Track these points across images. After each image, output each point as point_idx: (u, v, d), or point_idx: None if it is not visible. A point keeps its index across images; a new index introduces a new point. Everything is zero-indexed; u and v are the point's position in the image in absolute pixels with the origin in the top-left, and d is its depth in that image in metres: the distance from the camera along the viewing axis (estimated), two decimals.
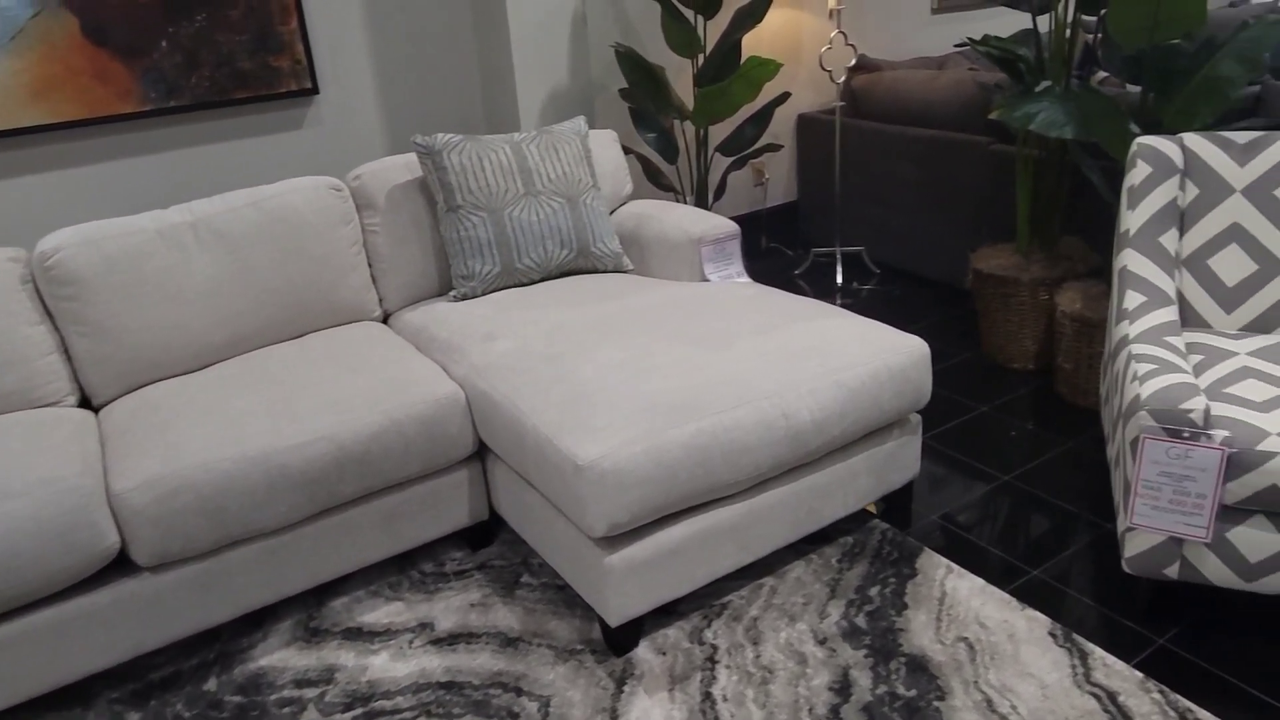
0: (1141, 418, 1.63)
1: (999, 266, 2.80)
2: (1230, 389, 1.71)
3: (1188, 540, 1.67)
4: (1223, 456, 1.57)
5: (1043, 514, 2.16)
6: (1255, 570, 1.64)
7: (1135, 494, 1.67)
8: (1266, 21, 2.24)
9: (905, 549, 2.06)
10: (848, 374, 1.89)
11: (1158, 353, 1.78)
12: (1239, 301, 1.97)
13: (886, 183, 3.58)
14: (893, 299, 3.49)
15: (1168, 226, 2.03)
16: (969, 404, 2.69)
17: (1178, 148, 2.08)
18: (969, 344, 3.07)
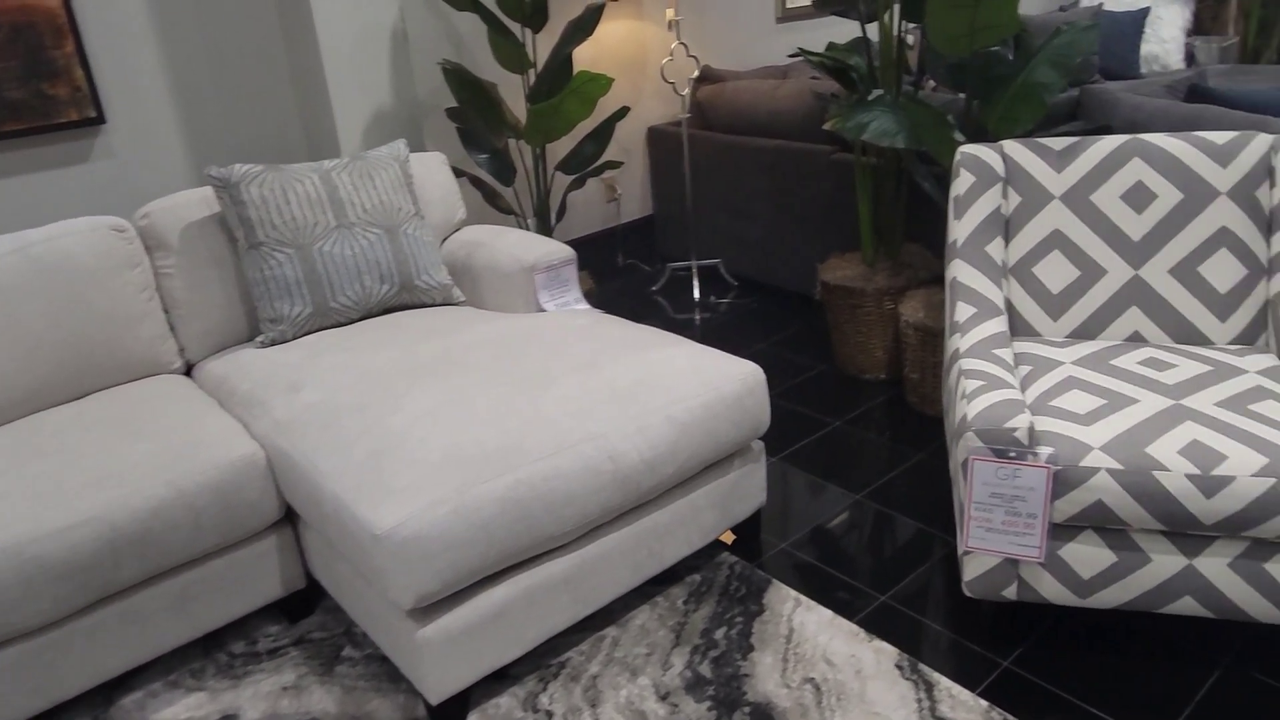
0: (969, 439, 1.58)
1: (845, 277, 2.77)
2: (1056, 401, 1.69)
3: (1023, 561, 1.63)
4: (1049, 475, 1.54)
5: (893, 533, 2.12)
6: (1088, 586, 1.61)
7: (968, 517, 1.62)
8: (1077, 28, 2.26)
9: (753, 583, 1.97)
10: (679, 408, 1.78)
11: (986, 368, 1.74)
12: (1064, 308, 1.97)
13: (739, 194, 3.53)
14: (750, 312, 3.44)
15: (993, 235, 2.02)
16: (822, 419, 2.64)
17: (999, 156, 2.07)
18: (824, 355, 3.04)
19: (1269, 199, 1.91)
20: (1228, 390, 1.66)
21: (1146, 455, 1.52)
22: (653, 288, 3.75)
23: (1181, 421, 1.57)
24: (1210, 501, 1.48)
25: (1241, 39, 5.48)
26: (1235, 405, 1.61)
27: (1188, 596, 1.57)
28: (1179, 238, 1.91)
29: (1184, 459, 1.50)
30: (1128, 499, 1.52)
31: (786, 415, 2.68)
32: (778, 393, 2.82)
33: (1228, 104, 2.40)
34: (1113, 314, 1.94)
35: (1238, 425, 1.55)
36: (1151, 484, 1.50)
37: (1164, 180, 1.94)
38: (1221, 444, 1.51)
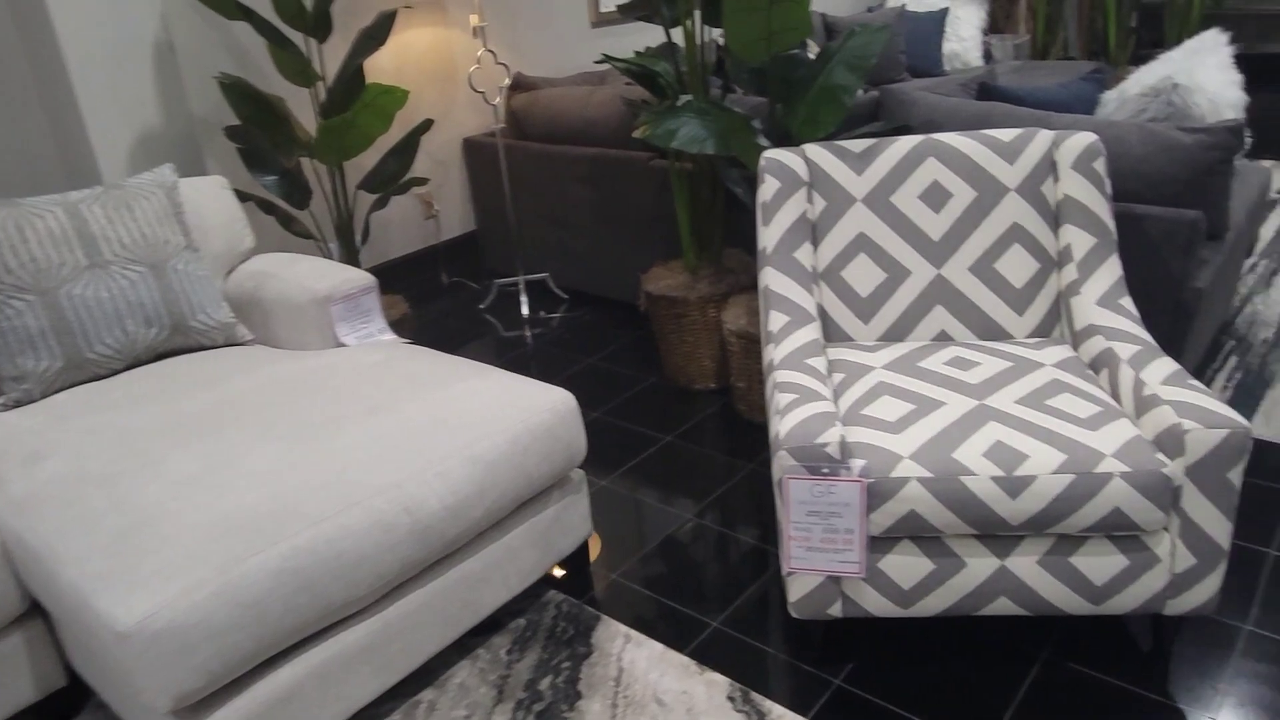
0: (782, 458, 1.53)
1: (668, 287, 2.70)
2: (867, 409, 1.66)
3: (845, 577, 1.59)
4: (862, 489, 1.50)
5: (727, 551, 2.06)
6: (910, 596, 1.59)
7: (788, 537, 1.57)
8: (870, 30, 2.27)
9: (582, 622, 1.86)
10: (483, 446, 1.65)
11: (799, 379, 1.70)
12: (873, 311, 1.96)
13: (561, 205, 3.42)
14: (581, 325, 3.34)
15: (801, 241, 1.98)
16: (653, 435, 2.56)
17: (801, 160, 2.04)
18: (654, 367, 2.97)
19: (1053, 194, 1.96)
20: (1027, 386, 1.67)
21: (954, 461, 1.50)
22: (481, 306, 3.59)
23: (986, 422, 1.57)
24: (1015, 502, 1.48)
25: (1032, 36, 5.84)
26: (1034, 401, 1.62)
27: (1003, 597, 1.57)
28: (975, 235, 1.94)
29: (989, 461, 1.49)
30: (939, 506, 1.50)
31: (617, 433, 2.59)
32: (608, 409, 2.72)
33: (1015, 101, 2.48)
34: (920, 314, 1.94)
35: (1037, 422, 1.56)
36: (960, 489, 1.49)
37: (958, 179, 1.96)
38: (1023, 443, 1.51)
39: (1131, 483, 1.45)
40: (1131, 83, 2.41)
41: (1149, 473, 1.45)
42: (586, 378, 2.94)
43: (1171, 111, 2.29)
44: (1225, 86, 2.35)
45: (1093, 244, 1.90)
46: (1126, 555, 1.52)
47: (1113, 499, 1.46)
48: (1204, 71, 2.29)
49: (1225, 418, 1.45)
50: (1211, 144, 2.03)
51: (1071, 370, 1.74)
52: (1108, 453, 1.48)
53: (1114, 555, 1.52)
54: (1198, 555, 1.51)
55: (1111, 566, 1.53)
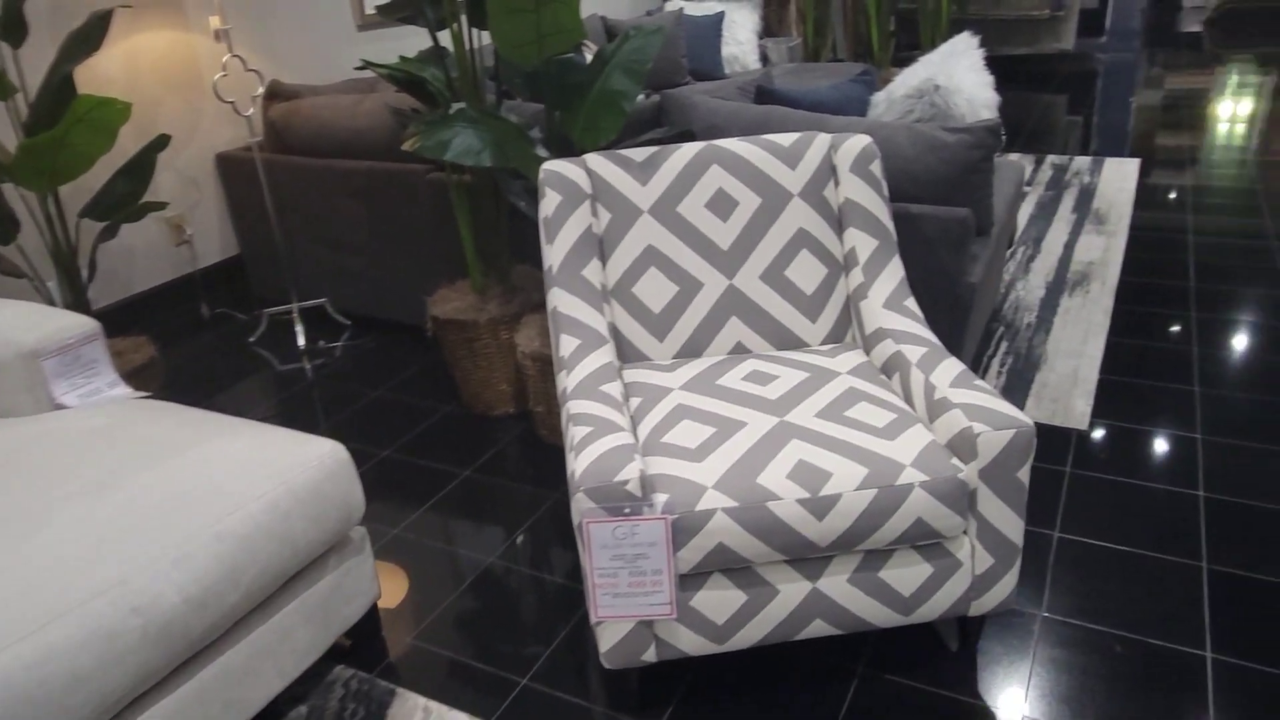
0: (580, 500, 1.40)
1: (456, 310, 2.52)
2: (668, 437, 1.56)
3: (657, 619, 1.48)
4: (667, 526, 1.40)
5: (533, 597, 1.91)
6: (725, 631, 1.50)
7: (593, 585, 1.44)
8: (644, 33, 2.19)
9: (374, 700, 1.65)
10: (234, 520, 1.41)
11: (593, 409, 1.57)
12: (668, 327, 1.87)
13: (334, 223, 3.13)
14: (367, 353, 3.08)
15: (588, 258, 1.86)
16: (450, 470, 2.37)
17: (583, 171, 1.92)
18: (449, 394, 2.77)
19: (835, 197, 1.95)
20: (825, 397, 1.63)
21: (759, 486, 1.43)
22: (251, 339, 3.23)
23: (788, 441, 1.51)
24: (823, 524, 1.42)
25: (803, 39, 6.06)
26: (833, 413, 1.58)
27: (818, 619, 1.52)
28: (764, 243, 1.89)
29: (793, 483, 1.43)
30: (747, 536, 1.42)
31: (410, 472, 2.37)
32: (400, 446, 2.50)
33: (790, 104, 2.49)
34: (715, 327, 1.87)
35: (837, 436, 1.51)
36: (767, 516, 1.41)
37: (742, 186, 1.90)
38: (825, 460, 1.46)
39: (931, 491, 1.43)
40: (897, 84, 2.47)
41: (946, 479, 1.44)
42: (375, 411, 2.70)
43: (935, 112, 2.36)
44: (979, 87, 2.46)
45: (875, 246, 1.90)
46: (931, 563, 1.51)
47: (915, 510, 1.44)
48: (961, 73, 2.38)
49: (1011, 418, 1.46)
50: (974, 143, 2.10)
51: (866, 377, 1.72)
52: (906, 463, 1.45)
53: (919, 565, 1.51)
54: (995, 555, 1.52)
55: (918, 576, 1.51)
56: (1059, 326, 2.91)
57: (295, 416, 2.70)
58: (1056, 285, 3.21)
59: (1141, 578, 1.82)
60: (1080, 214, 3.92)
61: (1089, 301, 3.07)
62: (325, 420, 2.67)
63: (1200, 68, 6.87)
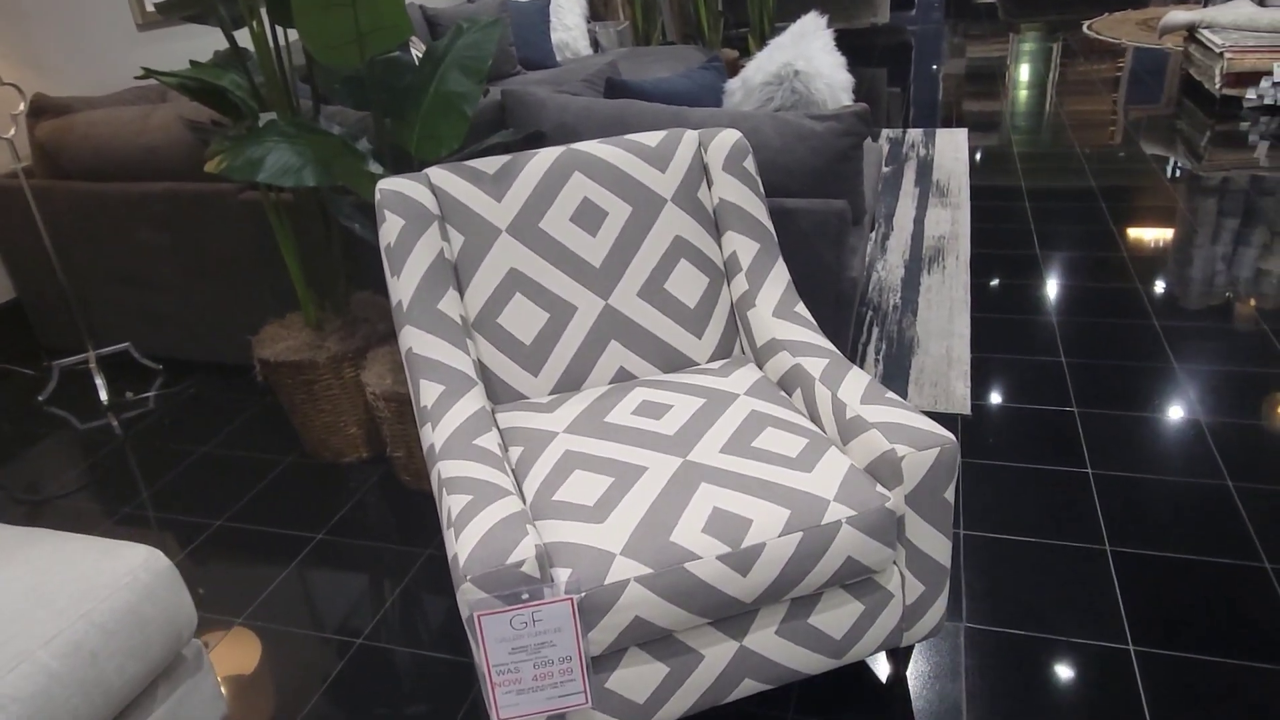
0: (467, 590, 1.17)
1: (288, 350, 2.20)
2: (560, 493, 1.36)
3: (571, 711, 1.29)
4: (573, 607, 1.20)
5: (415, 681, 1.66)
6: (647, 709, 1.32)
7: (491, 684, 1.22)
8: (479, 25, 1.95)
9: None
10: (12, 680, 1.10)
11: (470, 472, 1.35)
12: (542, 359, 1.66)
13: (132, 257, 2.71)
14: (188, 402, 2.69)
15: (444, 289, 1.62)
16: (300, 535, 2.07)
17: (426, 188, 1.67)
18: (292, 441, 2.45)
19: (709, 199, 1.79)
20: (728, 427, 1.47)
21: (674, 546, 1.25)
22: (40, 397, 2.77)
23: (696, 485, 1.33)
24: (747, 579, 1.26)
25: (632, 22, 5.91)
26: (740, 446, 1.42)
27: (747, 679, 1.36)
28: (639, 256, 1.71)
29: (711, 538, 1.26)
30: (665, 605, 1.24)
31: (251, 545, 2.05)
32: (235, 512, 2.17)
33: (643, 96, 2.31)
34: (594, 354, 1.68)
35: (749, 474, 1.35)
36: (686, 580, 1.24)
37: (610, 194, 1.71)
38: (742, 505, 1.30)
39: (859, 526, 1.30)
40: (753, 71, 2.34)
41: (874, 511, 1.31)
42: (204, 471, 2.34)
43: (796, 99, 2.25)
44: (835, 69, 2.36)
45: (757, 250, 1.76)
46: (861, 600, 1.38)
47: (844, 548, 1.30)
48: (817, 56, 2.27)
49: (932, 434, 1.34)
50: (843, 130, 1.99)
51: (765, 396, 1.57)
52: (830, 497, 1.31)
53: (850, 604, 1.37)
54: (925, 582, 1.41)
55: (849, 616, 1.38)
56: (924, 306, 2.89)
57: (106, 487, 2.31)
58: (914, 263, 3.20)
59: (1051, 571, 1.78)
60: (923, 187, 3.96)
61: (948, 278, 3.07)
62: (145, 487, 2.30)
63: (998, 36, 7.23)
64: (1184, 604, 1.67)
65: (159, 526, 2.15)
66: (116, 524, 2.17)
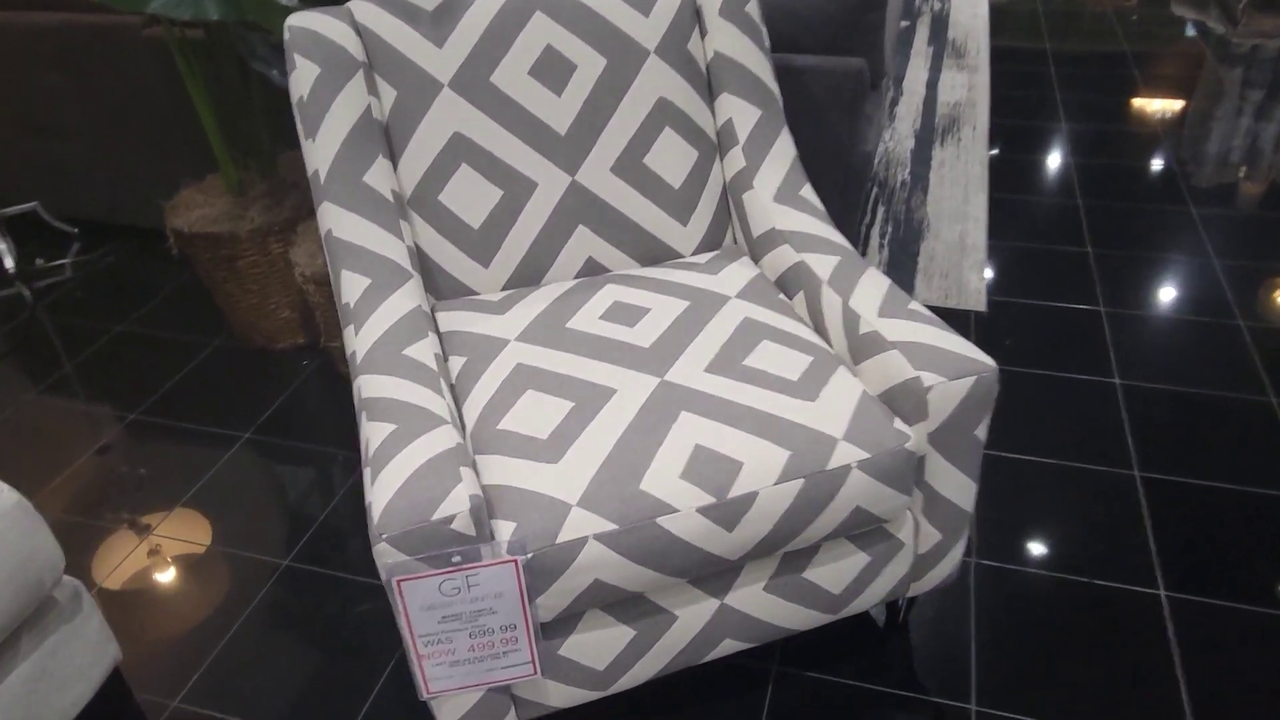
0: (384, 552, 0.93)
1: (205, 219, 1.89)
2: (507, 420, 1.10)
3: (516, 682, 1.08)
4: (517, 571, 0.96)
5: (349, 613, 1.45)
6: (609, 675, 1.12)
7: (417, 654, 1.00)
8: None
9: None
10: None
11: (397, 393, 1.08)
12: (494, 247, 1.37)
13: (32, 101, 2.34)
14: (105, 273, 2.39)
15: (371, 156, 1.31)
16: (222, 434, 1.82)
17: (348, 26, 1.33)
18: (218, 322, 2.17)
19: (702, 53, 1.46)
20: (716, 339, 1.21)
21: (643, 496, 1.01)
22: None
23: (675, 415, 1.08)
24: (734, 534, 1.03)
25: None
26: (729, 364, 1.16)
27: (728, 639, 1.16)
28: (614, 121, 1.39)
29: (691, 486, 1.02)
30: (633, 568, 1.01)
31: (168, 442, 1.81)
32: (152, 405, 1.91)
33: None
34: (557, 242, 1.39)
35: (741, 401, 1.10)
36: (660, 537, 1.00)
37: (579, 42, 1.38)
38: (730, 442, 1.05)
39: (872, 472, 1.06)
40: None
41: (891, 453, 1.07)
42: (120, 352, 2.07)
43: None
44: None
45: (758, 117, 1.44)
46: (867, 551, 1.16)
47: (853, 498, 1.07)
48: None
49: (968, 360, 1.09)
50: None
51: (761, 299, 1.30)
52: (838, 435, 1.07)
53: (853, 555, 1.16)
54: (943, 529, 1.19)
55: (851, 569, 1.16)
56: (936, 184, 2.59)
57: (12, 366, 2.04)
58: (926, 134, 2.87)
59: (1075, 498, 1.57)
60: (937, 45, 3.57)
61: (963, 151, 2.75)
62: (54, 370, 2.03)
63: None
64: (1223, 544, 1.48)
65: (61, 419, 1.89)
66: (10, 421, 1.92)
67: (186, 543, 1.58)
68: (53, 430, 1.86)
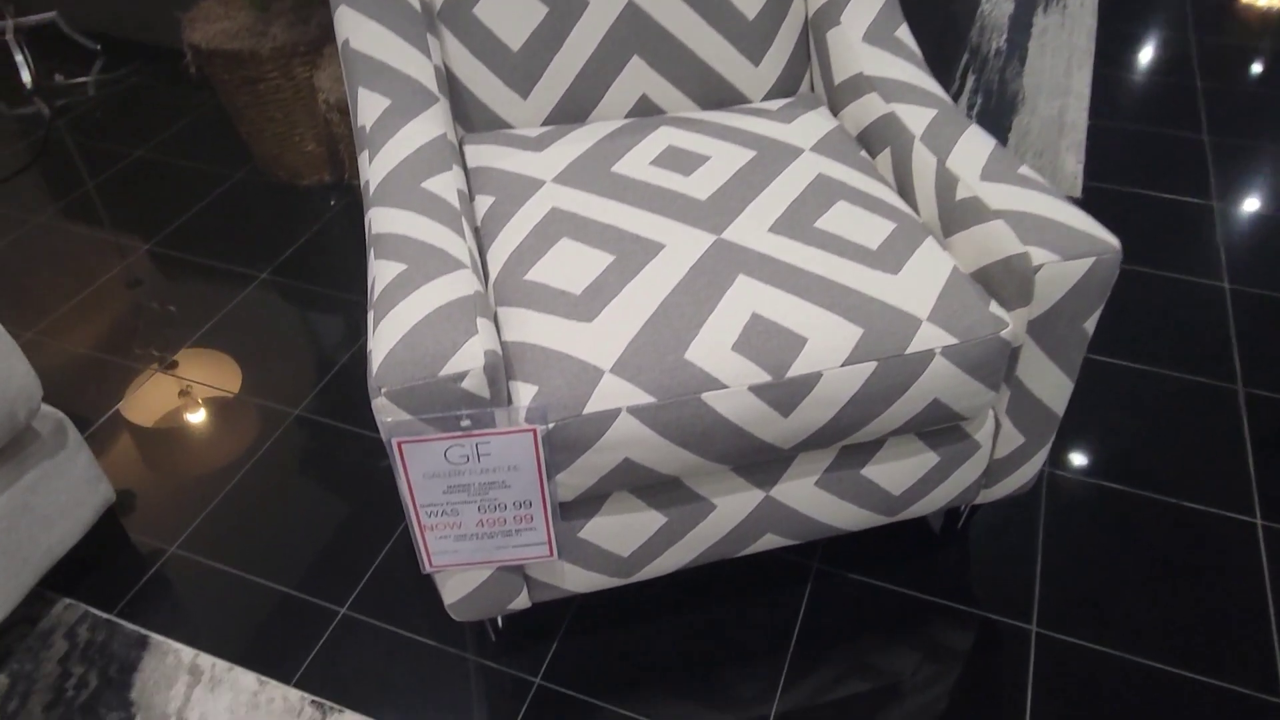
0: (383, 408, 0.80)
1: (224, 35, 1.71)
2: (536, 271, 0.95)
3: (529, 563, 0.97)
4: (536, 442, 0.83)
5: (359, 473, 1.36)
6: (634, 561, 1.00)
7: (419, 525, 0.89)
8: None
9: (113, 656, 1.12)
10: None
11: (411, 228, 0.94)
12: (535, 74, 1.19)
13: None
14: (126, 94, 2.23)
15: None
16: (241, 270, 1.70)
17: None
18: (242, 153, 2.02)
19: None
20: (783, 196, 1.03)
21: (688, 367, 0.86)
22: None
23: (731, 279, 0.92)
24: (790, 420, 0.89)
25: None
26: (797, 225, 0.99)
27: (769, 534, 1.03)
28: None
29: (745, 360, 0.87)
30: (670, 449, 0.87)
31: (186, 276, 1.69)
32: (166, 236, 1.79)
33: None
34: (607, 74, 1.20)
35: (808, 268, 0.94)
36: (703, 417, 0.86)
37: None
38: (794, 315, 0.89)
39: (958, 361, 0.90)
40: None
41: (982, 342, 0.91)
42: (138, 179, 1.94)
43: None
44: None
45: None
46: (937, 451, 1.02)
47: (931, 389, 0.91)
48: None
49: (1089, 238, 0.90)
50: None
51: (840, 155, 1.12)
52: (921, 315, 0.90)
53: (920, 455, 1.01)
54: (1027, 433, 1.04)
55: (916, 469, 1.02)
56: (1035, 54, 2.31)
57: (26, 184, 1.93)
58: None
59: (1168, 410, 1.40)
60: None
61: (1069, 20, 2.45)
62: (70, 191, 1.91)
63: None
64: None
65: (73, 243, 1.78)
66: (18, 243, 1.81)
67: (194, 383, 1.49)
68: (62, 254, 1.76)
